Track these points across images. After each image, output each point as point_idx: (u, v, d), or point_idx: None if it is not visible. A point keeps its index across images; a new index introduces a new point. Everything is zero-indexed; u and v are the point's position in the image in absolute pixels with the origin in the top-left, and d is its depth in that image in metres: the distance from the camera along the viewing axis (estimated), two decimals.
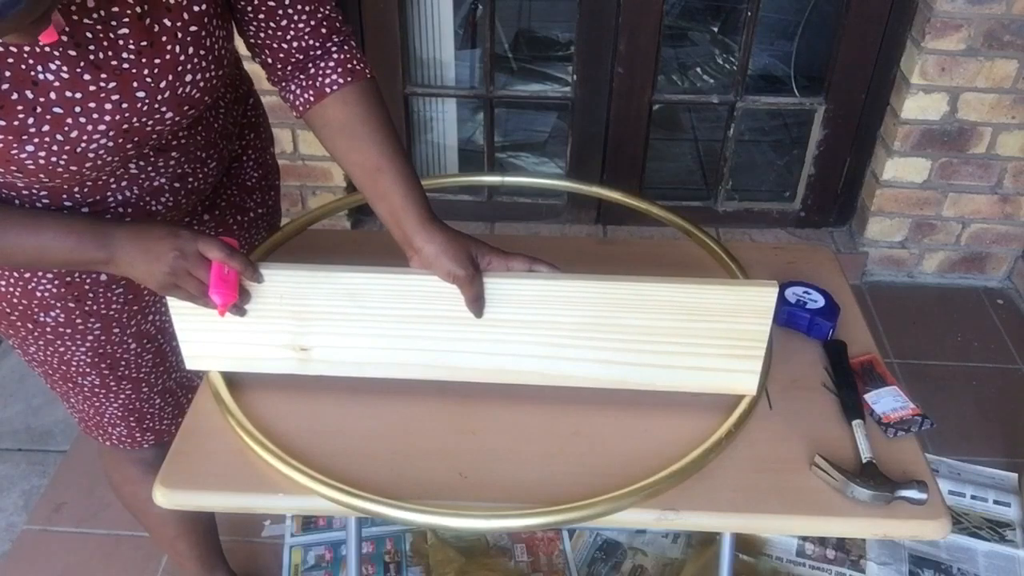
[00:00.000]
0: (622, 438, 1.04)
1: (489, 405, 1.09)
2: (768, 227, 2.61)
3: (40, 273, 1.06)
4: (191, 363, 1.10)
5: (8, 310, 1.10)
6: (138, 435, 1.30)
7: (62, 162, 0.89)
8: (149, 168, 1.01)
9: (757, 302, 1.00)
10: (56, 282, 1.07)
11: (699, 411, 1.08)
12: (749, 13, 2.24)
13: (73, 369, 1.18)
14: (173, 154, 1.03)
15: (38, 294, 1.08)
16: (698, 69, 3.41)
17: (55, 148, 0.88)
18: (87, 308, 1.11)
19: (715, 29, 3.60)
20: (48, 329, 1.12)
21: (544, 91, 3.10)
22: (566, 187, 2.09)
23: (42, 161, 0.88)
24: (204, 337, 1.07)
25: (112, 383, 1.22)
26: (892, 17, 2.20)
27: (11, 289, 1.07)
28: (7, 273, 1.06)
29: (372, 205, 1.03)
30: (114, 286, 1.12)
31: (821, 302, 1.22)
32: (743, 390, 1.08)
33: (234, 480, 0.99)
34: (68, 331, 1.13)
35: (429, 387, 1.11)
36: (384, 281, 1.02)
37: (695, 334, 1.03)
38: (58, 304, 1.09)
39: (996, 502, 1.87)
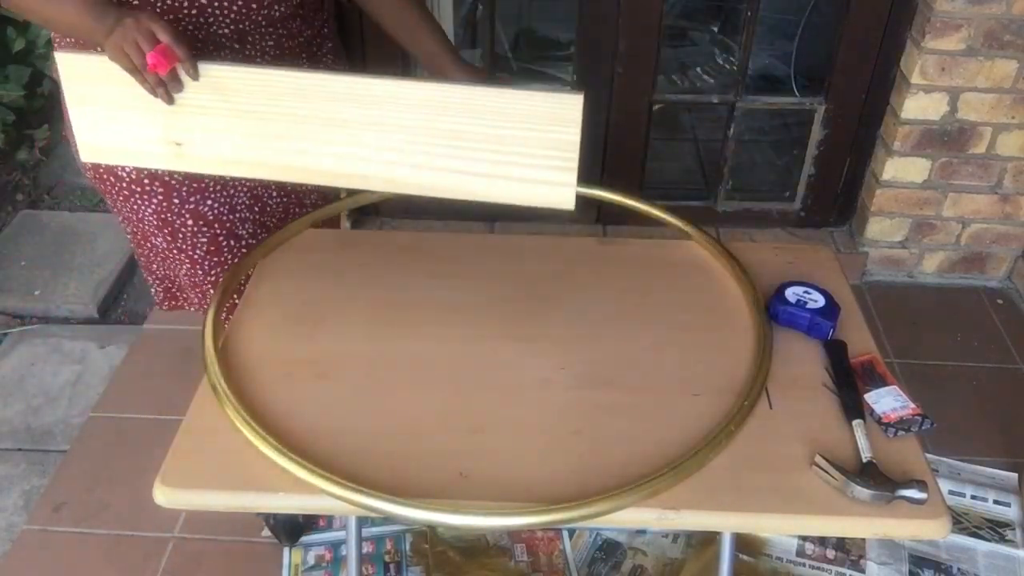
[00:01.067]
0: (622, 438, 1.04)
1: (489, 404, 1.09)
2: (768, 227, 2.61)
3: None
4: (85, 154, 1.19)
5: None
6: (206, 304, 1.43)
7: None
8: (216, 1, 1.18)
9: (565, 110, 1.07)
10: None
11: (699, 411, 1.08)
12: (749, 13, 2.24)
13: (146, 227, 1.40)
14: None
15: None
16: (698, 69, 3.41)
17: None
18: (152, 170, 1.30)
19: (715, 29, 3.60)
20: (124, 184, 1.34)
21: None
22: None
23: None
24: (94, 126, 1.16)
25: (175, 252, 1.42)
26: (892, 17, 2.20)
27: None
28: None
29: (406, 46, 1.34)
30: None
31: (821, 302, 1.22)
32: (560, 202, 1.13)
33: (236, 479, 0.99)
34: (138, 189, 1.34)
35: (430, 386, 1.11)
36: (248, 75, 1.10)
37: (522, 142, 1.10)
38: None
39: (996, 502, 1.87)
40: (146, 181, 1.33)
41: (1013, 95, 2.19)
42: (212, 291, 1.44)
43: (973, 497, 1.88)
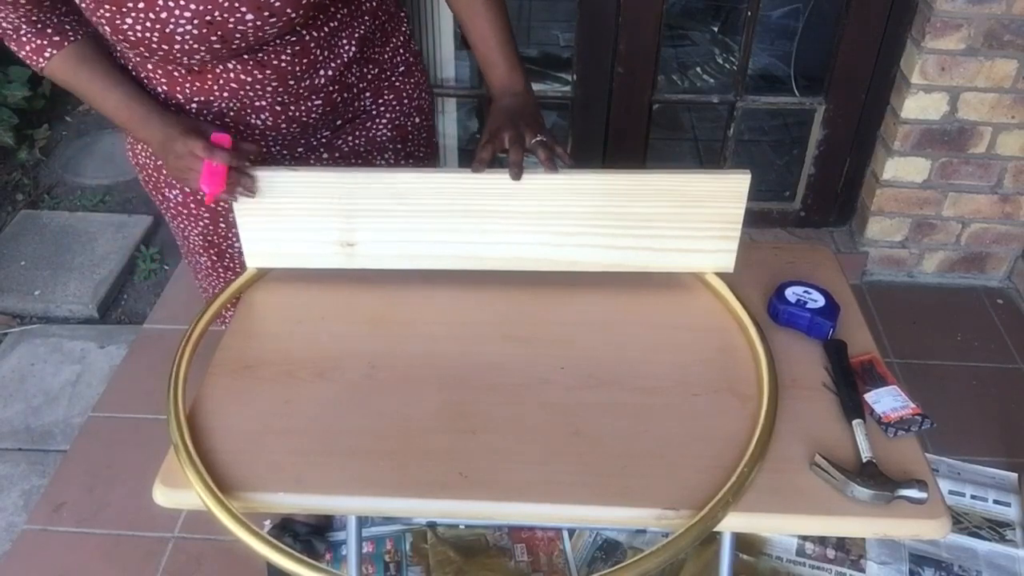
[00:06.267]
0: (622, 438, 1.04)
1: (489, 405, 1.09)
2: (768, 227, 2.61)
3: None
4: (251, 260, 1.23)
5: (150, 176, 1.32)
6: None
7: (155, 38, 1.05)
8: (247, 86, 1.15)
9: (735, 187, 1.17)
10: None
11: (699, 411, 1.08)
12: (749, 13, 2.24)
13: (191, 245, 1.40)
14: (272, 77, 1.15)
15: (164, 172, 1.28)
16: (698, 69, 3.41)
17: (147, 24, 1.04)
18: (200, 196, 1.29)
19: (715, 29, 3.60)
20: (172, 204, 1.33)
21: (544, 91, 3.10)
22: None
23: (140, 34, 1.05)
24: (263, 236, 1.21)
25: (220, 271, 1.42)
26: (892, 17, 2.20)
27: (147, 160, 1.30)
28: (144, 147, 1.28)
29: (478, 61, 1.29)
30: None
31: (821, 302, 1.22)
32: (722, 268, 1.24)
33: (234, 480, 0.99)
34: (184, 211, 1.34)
35: (429, 386, 1.11)
36: (427, 180, 1.16)
37: (686, 218, 1.19)
38: (176, 186, 1.30)
39: (996, 502, 1.87)
40: (192, 206, 1.32)
41: (1013, 95, 2.19)
42: None
43: (973, 497, 1.88)
